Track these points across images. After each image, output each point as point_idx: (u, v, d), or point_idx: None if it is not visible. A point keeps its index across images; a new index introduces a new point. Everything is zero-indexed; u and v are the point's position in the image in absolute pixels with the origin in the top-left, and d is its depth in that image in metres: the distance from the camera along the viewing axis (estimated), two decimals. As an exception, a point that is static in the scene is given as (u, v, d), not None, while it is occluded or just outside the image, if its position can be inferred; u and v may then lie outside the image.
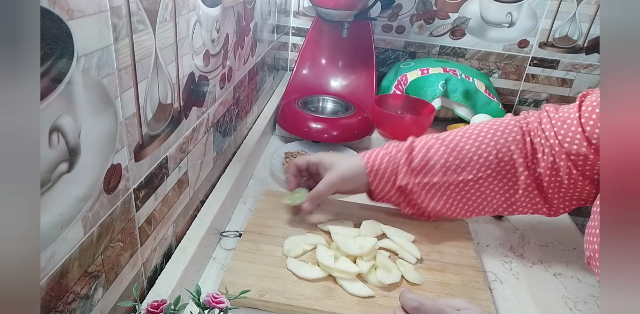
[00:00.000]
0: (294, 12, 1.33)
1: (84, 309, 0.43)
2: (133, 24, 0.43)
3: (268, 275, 0.64)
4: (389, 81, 1.23)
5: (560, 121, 0.65)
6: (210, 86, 0.68)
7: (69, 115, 0.36)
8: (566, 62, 1.28)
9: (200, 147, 0.68)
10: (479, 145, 0.67)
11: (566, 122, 0.64)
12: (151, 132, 0.51)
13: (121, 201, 0.46)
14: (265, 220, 0.76)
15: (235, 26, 0.77)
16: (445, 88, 1.09)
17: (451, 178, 0.68)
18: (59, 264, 0.38)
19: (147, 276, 0.56)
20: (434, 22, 1.28)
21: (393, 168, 0.69)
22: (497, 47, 1.28)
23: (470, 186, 0.68)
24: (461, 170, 0.67)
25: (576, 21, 1.22)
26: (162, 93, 0.52)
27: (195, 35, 0.60)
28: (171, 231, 0.62)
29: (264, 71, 1.07)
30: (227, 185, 0.77)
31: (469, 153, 0.67)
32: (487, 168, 0.67)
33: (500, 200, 0.69)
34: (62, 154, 0.36)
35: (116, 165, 0.44)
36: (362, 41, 1.17)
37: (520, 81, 1.32)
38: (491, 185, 0.68)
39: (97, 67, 0.39)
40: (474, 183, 0.68)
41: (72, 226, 0.39)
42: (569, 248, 0.79)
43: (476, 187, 0.68)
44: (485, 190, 0.68)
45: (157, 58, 0.50)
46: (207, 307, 0.46)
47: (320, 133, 1.01)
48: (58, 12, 0.33)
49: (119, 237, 0.47)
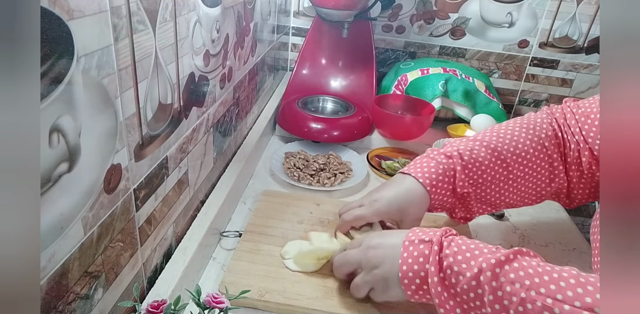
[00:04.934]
0: (294, 12, 1.33)
1: (84, 309, 0.43)
2: (133, 24, 0.43)
3: (268, 275, 0.64)
4: (389, 81, 1.23)
5: (584, 116, 0.66)
6: (210, 86, 0.68)
7: (69, 115, 0.36)
8: (566, 62, 1.28)
9: (200, 147, 0.68)
10: (517, 144, 0.67)
11: (589, 117, 0.66)
12: (151, 132, 0.51)
13: (121, 201, 0.46)
14: (265, 220, 0.76)
15: (235, 26, 0.77)
16: (445, 89, 1.09)
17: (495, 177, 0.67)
18: (59, 264, 0.38)
19: (147, 276, 0.56)
20: (434, 22, 1.28)
21: (449, 178, 0.65)
22: (497, 47, 1.28)
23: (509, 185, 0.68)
24: (503, 170, 0.67)
25: (576, 21, 1.22)
26: (162, 93, 0.52)
27: (196, 35, 0.60)
28: (171, 231, 0.62)
29: (264, 71, 1.07)
30: (227, 185, 0.77)
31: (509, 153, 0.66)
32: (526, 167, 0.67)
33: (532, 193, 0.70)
34: (62, 154, 0.36)
35: (116, 165, 0.44)
36: (362, 41, 1.17)
37: (520, 81, 1.32)
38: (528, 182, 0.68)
39: (97, 67, 0.39)
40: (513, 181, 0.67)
41: (72, 226, 0.39)
42: (569, 248, 0.79)
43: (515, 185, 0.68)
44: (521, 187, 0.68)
45: (157, 59, 0.50)
46: (207, 307, 0.46)
47: (320, 133, 1.01)
48: (58, 12, 0.33)
49: (119, 237, 0.47)
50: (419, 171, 0.66)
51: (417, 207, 0.65)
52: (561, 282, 0.45)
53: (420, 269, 0.52)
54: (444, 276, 0.51)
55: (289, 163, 0.93)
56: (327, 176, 0.90)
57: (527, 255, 0.50)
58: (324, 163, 0.93)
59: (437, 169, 0.65)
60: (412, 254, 0.53)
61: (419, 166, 0.66)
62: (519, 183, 0.68)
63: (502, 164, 0.66)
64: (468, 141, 0.68)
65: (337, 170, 0.92)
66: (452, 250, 0.52)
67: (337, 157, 0.97)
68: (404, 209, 0.65)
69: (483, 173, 0.66)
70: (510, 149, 0.66)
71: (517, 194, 0.69)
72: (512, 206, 0.71)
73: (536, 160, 0.67)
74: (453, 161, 0.65)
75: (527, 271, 0.47)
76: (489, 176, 0.66)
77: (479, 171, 0.66)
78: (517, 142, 0.67)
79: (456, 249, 0.52)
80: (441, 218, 0.81)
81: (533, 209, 0.89)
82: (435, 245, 0.52)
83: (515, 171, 0.67)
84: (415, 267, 0.53)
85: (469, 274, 0.49)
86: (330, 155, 0.97)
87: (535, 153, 0.67)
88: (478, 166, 0.66)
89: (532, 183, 0.68)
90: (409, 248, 0.54)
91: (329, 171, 0.92)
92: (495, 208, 0.71)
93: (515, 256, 0.49)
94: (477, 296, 0.49)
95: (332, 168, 0.92)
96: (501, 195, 0.68)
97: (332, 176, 0.90)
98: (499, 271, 0.48)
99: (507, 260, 0.49)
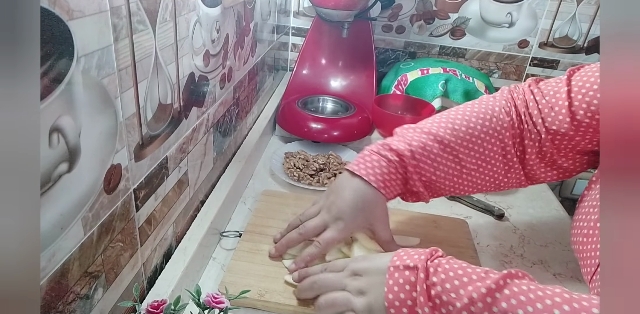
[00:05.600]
0: (294, 12, 1.33)
1: (84, 310, 0.43)
2: (133, 24, 0.43)
3: (268, 275, 0.64)
4: (389, 81, 1.23)
5: (548, 108, 0.64)
6: (210, 86, 0.68)
7: (69, 115, 0.36)
8: (566, 62, 1.28)
9: (200, 147, 0.68)
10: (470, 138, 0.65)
11: (554, 109, 0.63)
12: (151, 132, 0.51)
13: (121, 201, 0.46)
14: (265, 220, 0.76)
15: (235, 26, 0.77)
16: (445, 89, 1.09)
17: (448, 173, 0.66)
18: (59, 264, 0.38)
19: (147, 276, 0.56)
20: (434, 22, 1.28)
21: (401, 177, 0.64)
22: (497, 47, 1.28)
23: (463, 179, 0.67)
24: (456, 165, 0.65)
25: (576, 21, 1.22)
26: (162, 93, 0.52)
27: (195, 35, 0.60)
28: (171, 231, 0.62)
29: (264, 71, 1.07)
30: (227, 185, 0.77)
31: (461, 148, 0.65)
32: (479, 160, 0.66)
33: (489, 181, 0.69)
34: (62, 154, 0.36)
35: (116, 165, 0.44)
36: (362, 41, 1.17)
37: (520, 81, 1.32)
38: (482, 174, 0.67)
39: (97, 67, 0.39)
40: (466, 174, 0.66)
41: (72, 226, 0.39)
42: (569, 248, 0.79)
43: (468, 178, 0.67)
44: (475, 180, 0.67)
45: (157, 59, 0.50)
46: (207, 307, 0.46)
47: (320, 133, 1.01)
48: (58, 12, 0.33)
49: (119, 237, 0.47)
50: (370, 172, 0.63)
51: (378, 209, 0.64)
52: (555, 310, 0.43)
53: (407, 297, 0.50)
54: (433, 305, 0.48)
55: (289, 163, 0.93)
56: (327, 176, 0.90)
57: (516, 278, 0.48)
58: (324, 163, 0.93)
59: (388, 169, 0.63)
60: (398, 281, 0.51)
61: (369, 166, 0.64)
62: (472, 176, 0.67)
63: (455, 159, 0.65)
64: (421, 133, 0.65)
65: (337, 170, 0.92)
66: (439, 278, 0.49)
67: (337, 157, 0.97)
68: (369, 217, 0.64)
69: (436, 170, 0.65)
70: (464, 143, 0.65)
71: (470, 186, 0.68)
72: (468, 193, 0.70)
73: (490, 153, 0.65)
74: (404, 161, 0.63)
75: (519, 299, 0.45)
76: (442, 173, 0.65)
77: (431, 169, 0.64)
78: (472, 135, 0.65)
79: (443, 276, 0.49)
80: (441, 218, 0.81)
81: (533, 209, 0.89)
82: (420, 272, 0.50)
83: (468, 165, 0.65)
84: (401, 295, 0.50)
85: (459, 304, 0.47)
86: (330, 155, 0.97)
87: (489, 147, 0.65)
88: (430, 164, 0.64)
89: (487, 176, 0.67)
90: (394, 274, 0.51)
91: (329, 171, 0.92)
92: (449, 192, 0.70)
93: (505, 282, 0.47)
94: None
95: (332, 168, 0.92)
96: (455, 188, 0.68)
97: (332, 176, 0.90)
98: (490, 301, 0.46)
99: (497, 288, 0.46)
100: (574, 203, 1.25)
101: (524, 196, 0.94)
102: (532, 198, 0.93)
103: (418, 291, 0.49)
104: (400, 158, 0.63)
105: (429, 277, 0.49)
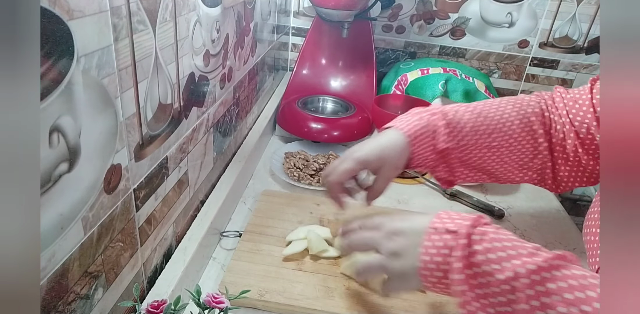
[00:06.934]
0: (294, 12, 1.33)
1: (84, 309, 0.43)
2: (133, 24, 0.43)
3: (268, 275, 0.64)
4: (389, 81, 1.23)
5: (572, 101, 0.67)
6: (210, 86, 0.68)
7: (69, 115, 0.36)
8: (566, 62, 1.28)
9: (200, 147, 0.68)
10: (502, 114, 0.67)
11: (577, 102, 0.66)
12: (151, 132, 0.51)
13: (121, 201, 0.46)
14: (265, 220, 0.76)
15: (235, 26, 0.77)
16: (445, 89, 1.09)
17: (478, 142, 0.66)
18: (59, 264, 0.38)
19: (147, 276, 0.56)
20: (434, 22, 1.28)
21: (431, 132, 0.65)
22: (497, 47, 1.28)
23: (492, 153, 0.67)
24: (487, 136, 0.66)
25: (576, 21, 1.22)
26: (162, 93, 0.52)
27: (196, 35, 0.60)
28: (171, 231, 0.62)
29: (264, 71, 1.07)
30: (227, 185, 0.77)
31: (493, 121, 0.67)
32: (510, 137, 0.67)
33: (515, 167, 0.69)
34: (62, 154, 0.36)
35: (116, 165, 0.44)
36: (362, 41, 1.17)
37: (520, 81, 1.32)
38: (511, 154, 0.68)
39: (97, 67, 0.39)
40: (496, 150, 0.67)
41: (72, 226, 0.39)
42: (569, 248, 0.79)
43: (497, 154, 0.68)
44: (504, 158, 0.68)
45: (157, 59, 0.50)
46: (207, 307, 0.46)
47: (320, 133, 1.01)
48: (58, 12, 0.33)
49: (119, 237, 0.47)
50: (400, 124, 0.65)
51: (396, 155, 0.64)
52: None
53: (444, 261, 0.47)
54: (470, 274, 0.45)
55: (289, 163, 0.93)
56: (327, 176, 0.90)
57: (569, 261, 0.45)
58: (324, 163, 0.93)
59: (419, 122, 0.65)
60: (435, 244, 0.48)
61: (401, 121, 0.66)
62: (501, 153, 0.67)
63: (487, 130, 0.66)
64: (454, 105, 0.68)
65: (337, 170, 0.92)
66: (483, 246, 0.46)
67: (337, 157, 0.97)
68: (383, 157, 0.63)
69: (466, 135, 0.66)
70: (496, 117, 0.66)
71: (499, 164, 0.68)
72: (496, 177, 0.70)
73: (521, 132, 0.67)
74: (436, 117, 0.65)
75: (569, 283, 0.42)
76: (472, 140, 0.66)
77: (462, 132, 0.65)
78: (503, 112, 0.67)
79: (489, 245, 0.46)
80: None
81: (533, 209, 0.89)
82: (462, 238, 0.46)
83: (498, 139, 0.66)
84: (437, 258, 0.47)
85: (501, 276, 0.44)
86: (330, 155, 0.97)
87: (520, 125, 0.67)
88: (461, 127, 0.65)
89: (515, 156, 0.68)
90: (433, 236, 0.49)
91: (329, 171, 0.92)
92: (479, 176, 0.70)
93: (557, 263, 0.44)
94: (508, 301, 0.44)
95: (332, 168, 0.92)
96: (483, 161, 0.68)
97: (332, 176, 0.90)
98: (538, 279, 0.43)
99: (549, 267, 0.43)
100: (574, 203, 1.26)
101: (524, 196, 0.94)
102: (532, 198, 0.93)
103: (456, 256, 0.46)
104: (432, 116, 0.66)
105: (471, 244, 0.46)
